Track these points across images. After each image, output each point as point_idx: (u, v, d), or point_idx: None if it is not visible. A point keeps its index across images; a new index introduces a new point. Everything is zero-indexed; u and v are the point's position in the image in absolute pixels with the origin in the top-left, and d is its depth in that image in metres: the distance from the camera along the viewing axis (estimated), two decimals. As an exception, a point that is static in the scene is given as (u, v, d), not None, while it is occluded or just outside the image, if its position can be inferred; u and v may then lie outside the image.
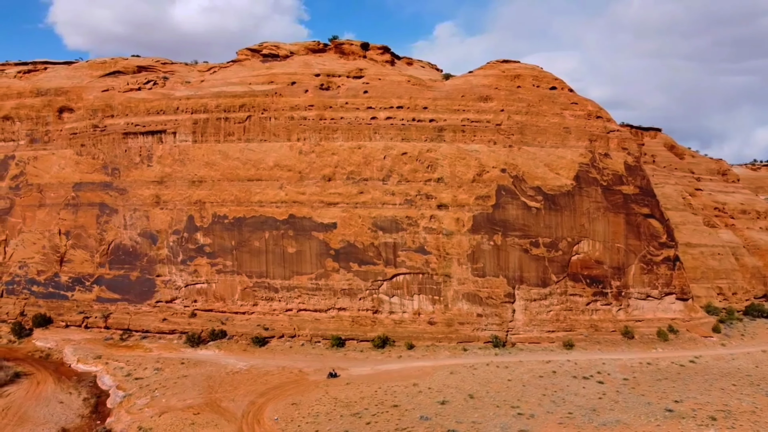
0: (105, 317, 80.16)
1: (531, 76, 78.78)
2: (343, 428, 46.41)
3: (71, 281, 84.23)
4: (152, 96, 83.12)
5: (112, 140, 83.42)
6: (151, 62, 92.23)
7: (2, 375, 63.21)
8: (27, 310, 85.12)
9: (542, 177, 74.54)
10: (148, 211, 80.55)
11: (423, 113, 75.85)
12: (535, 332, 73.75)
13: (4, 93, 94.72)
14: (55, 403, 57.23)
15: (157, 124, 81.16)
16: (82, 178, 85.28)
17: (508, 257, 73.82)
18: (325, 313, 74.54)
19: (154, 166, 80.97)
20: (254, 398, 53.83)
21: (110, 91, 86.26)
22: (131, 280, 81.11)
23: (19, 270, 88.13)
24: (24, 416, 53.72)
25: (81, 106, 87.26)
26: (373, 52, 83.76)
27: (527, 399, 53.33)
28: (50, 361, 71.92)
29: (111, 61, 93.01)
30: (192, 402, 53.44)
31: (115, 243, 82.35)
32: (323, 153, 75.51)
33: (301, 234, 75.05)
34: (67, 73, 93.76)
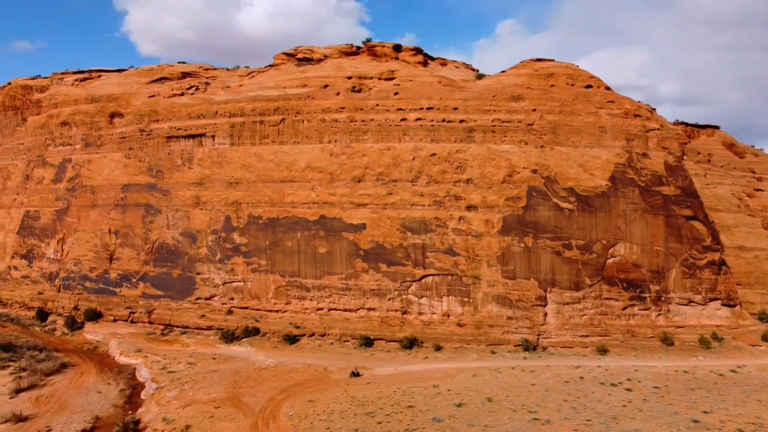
0: (149, 313, 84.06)
1: (565, 75, 76.99)
2: (354, 427, 47.01)
3: (119, 278, 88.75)
4: (193, 101, 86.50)
5: (157, 144, 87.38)
6: (194, 68, 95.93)
7: (50, 365, 67.40)
8: (80, 304, 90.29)
9: (575, 178, 72.77)
10: (189, 212, 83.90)
11: (453, 114, 75.52)
12: (568, 336, 72.10)
13: (63, 100, 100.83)
14: (94, 393, 60.56)
15: (197, 127, 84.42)
16: (129, 180, 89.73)
17: (539, 259, 72.47)
18: (355, 312, 75.45)
19: (195, 168, 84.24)
20: (274, 394, 55.25)
21: (156, 96, 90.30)
22: (173, 278, 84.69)
23: (74, 267, 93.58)
24: (64, 404, 57.14)
25: (130, 111, 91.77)
26: (405, 53, 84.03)
27: (547, 404, 52.35)
28: (96, 353, 76.12)
29: (158, 68, 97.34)
30: (216, 396, 55.42)
31: (159, 242, 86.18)
32: (353, 155, 76.47)
33: (331, 234, 76.28)
34: (118, 80, 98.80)
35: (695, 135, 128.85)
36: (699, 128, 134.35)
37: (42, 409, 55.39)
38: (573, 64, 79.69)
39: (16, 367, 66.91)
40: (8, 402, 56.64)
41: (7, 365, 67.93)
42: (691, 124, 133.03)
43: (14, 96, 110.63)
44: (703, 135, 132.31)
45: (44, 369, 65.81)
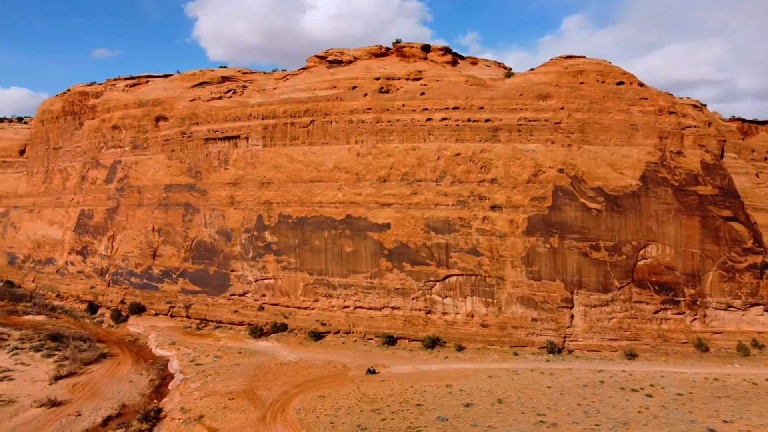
0: (187, 307, 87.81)
1: (595, 72, 74.99)
2: (357, 422, 47.84)
3: (161, 274, 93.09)
4: (230, 104, 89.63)
5: (196, 145, 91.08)
6: (234, 72, 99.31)
7: (90, 355, 71.58)
8: (126, 298, 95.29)
9: (604, 177, 70.89)
10: (224, 211, 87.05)
11: (478, 113, 75.08)
12: (596, 340, 70.37)
13: (114, 105, 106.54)
14: (126, 382, 64.00)
15: (232, 130, 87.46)
16: (171, 180, 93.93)
17: (565, 261, 71.05)
18: (379, 311, 76.26)
19: (230, 169, 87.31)
20: (288, 389, 56.82)
21: (196, 100, 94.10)
22: (210, 274, 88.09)
23: (122, 263, 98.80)
24: (96, 391, 60.73)
25: (173, 115, 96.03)
26: (434, 53, 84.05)
27: (558, 408, 51.49)
28: (136, 345, 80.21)
29: (199, 72, 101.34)
30: (233, 388, 57.55)
31: (197, 240, 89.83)
32: (379, 155, 77.30)
33: (357, 234, 77.40)
34: (164, 85, 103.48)
35: (753, 132, 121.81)
36: (759, 125, 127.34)
37: (76, 396, 59.09)
38: (605, 61, 77.51)
39: (60, 356, 71.44)
40: (47, 388, 60.70)
41: (53, 353, 72.66)
42: (749, 121, 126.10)
43: (73, 102, 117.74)
44: (762, 131, 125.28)
45: (84, 358, 69.96)
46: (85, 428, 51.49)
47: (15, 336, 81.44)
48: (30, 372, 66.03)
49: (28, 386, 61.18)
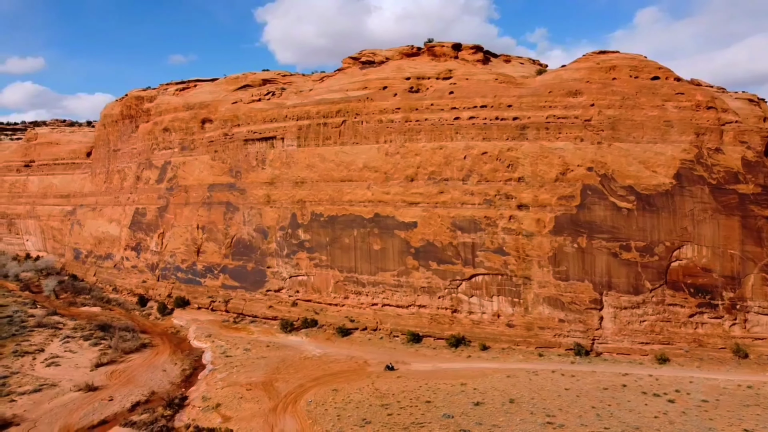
0: (226, 302, 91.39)
1: (628, 67, 72.67)
2: (363, 416, 48.84)
3: (204, 269, 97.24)
4: (268, 106, 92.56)
5: (236, 146, 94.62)
6: (274, 75, 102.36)
7: (131, 344, 75.91)
8: (172, 292, 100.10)
9: (635, 175, 68.70)
10: (261, 209, 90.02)
11: (507, 111, 74.36)
12: (626, 343, 68.37)
13: (165, 109, 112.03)
14: (159, 371, 67.58)
15: (270, 131, 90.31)
16: (214, 180, 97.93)
17: (594, 261, 69.38)
18: (406, 309, 76.91)
19: (267, 169, 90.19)
20: (305, 382, 58.49)
21: (238, 103, 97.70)
22: (248, 271, 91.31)
23: (170, 258, 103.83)
24: (131, 378, 64.52)
25: (217, 117, 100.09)
26: (465, 52, 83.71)
27: (570, 409, 50.67)
28: (176, 337, 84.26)
29: (242, 76, 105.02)
30: (254, 380, 59.79)
31: (237, 237, 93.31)
32: (407, 154, 77.91)
33: (385, 232, 78.33)
34: (210, 88, 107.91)
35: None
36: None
37: (112, 382, 63.04)
38: (639, 55, 74.98)
39: (105, 345, 76.23)
40: (87, 374, 65.09)
41: (99, 342, 77.63)
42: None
43: (130, 106, 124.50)
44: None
45: (126, 348, 74.31)
46: (114, 412, 54.95)
47: (69, 325, 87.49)
48: (76, 359, 70.92)
49: (72, 372, 65.80)
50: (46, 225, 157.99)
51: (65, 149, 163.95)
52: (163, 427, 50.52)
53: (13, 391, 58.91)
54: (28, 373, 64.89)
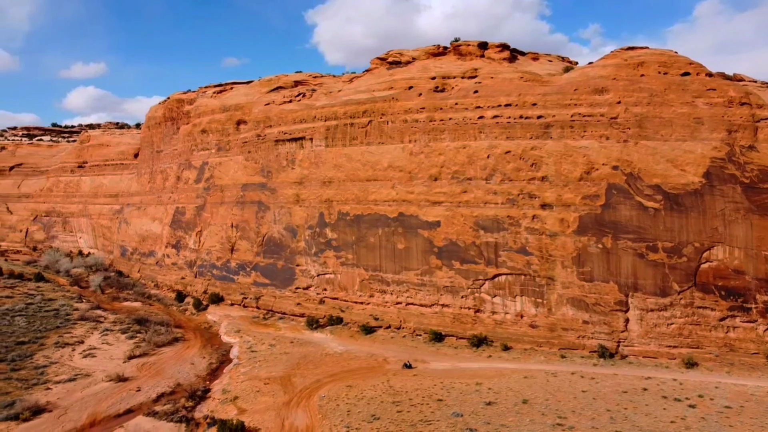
0: (257, 299, 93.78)
1: (657, 63, 70.70)
2: (372, 412, 49.54)
3: (237, 267, 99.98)
4: (298, 107, 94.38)
5: (268, 147, 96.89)
6: (305, 77, 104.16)
7: (164, 338, 78.92)
8: (208, 289, 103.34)
9: (663, 174, 66.86)
10: (291, 208, 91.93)
11: (531, 110, 73.57)
12: (653, 346, 66.71)
13: (203, 111, 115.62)
14: (188, 364, 70.09)
15: (299, 131, 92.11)
16: (247, 180, 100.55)
17: (619, 262, 67.94)
18: (429, 308, 77.15)
19: (296, 169, 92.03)
20: (322, 377, 59.62)
21: (270, 104, 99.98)
22: (278, 268, 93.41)
23: (206, 256, 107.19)
24: (160, 370, 67.18)
25: (250, 118, 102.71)
26: (491, 50, 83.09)
27: (583, 412, 50.01)
28: (209, 332, 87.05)
29: (275, 78, 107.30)
30: (273, 374, 61.37)
31: (268, 236, 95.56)
32: (431, 153, 78.11)
33: (408, 231, 78.78)
34: (245, 90, 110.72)
35: None
36: None
37: (141, 374, 65.82)
38: (669, 51, 72.86)
39: (140, 338, 79.54)
40: (119, 365, 68.17)
41: (135, 336, 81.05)
42: None
43: (171, 108, 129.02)
44: None
45: (158, 341, 77.36)
46: (140, 402, 57.45)
47: (110, 319, 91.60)
48: (111, 351, 74.31)
49: (106, 363, 69.02)
50: (96, 223, 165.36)
51: (114, 151, 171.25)
52: (182, 417, 52.56)
53: (50, 379, 62.34)
54: (66, 363, 68.44)
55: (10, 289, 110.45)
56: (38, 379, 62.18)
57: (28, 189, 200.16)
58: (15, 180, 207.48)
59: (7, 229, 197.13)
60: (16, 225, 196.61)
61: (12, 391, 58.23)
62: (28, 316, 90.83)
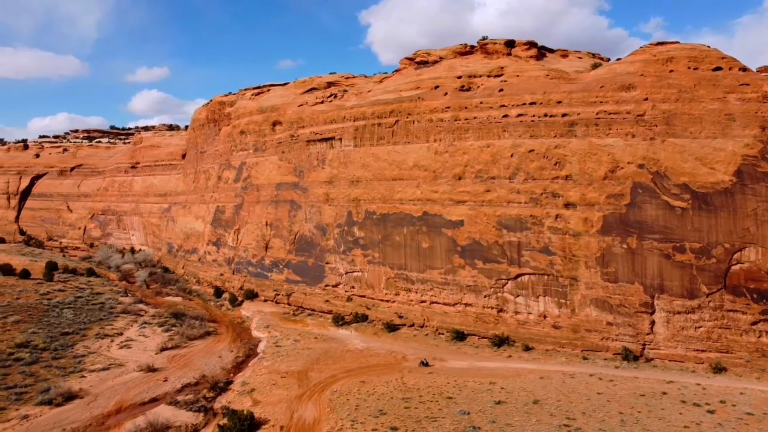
0: (288, 295, 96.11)
1: (687, 58, 68.48)
2: (379, 407, 50.32)
3: (271, 264, 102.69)
4: (328, 108, 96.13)
5: (300, 147, 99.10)
6: (338, 78, 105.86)
7: (197, 332, 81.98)
8: (244, 285, 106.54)
9: (691, 173, 64.83)
10: (321, 207, 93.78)
11: (556, 108, 72.66)
12: (680, 350, 64.82)
13: (242, 113, 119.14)
14: (215, 357, 72.71)
15: (329, 132, 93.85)
16: (281, 179, 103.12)
17: (645, 262, 66.30)
18: (453, 307, 77.31)
19: (326, 169, 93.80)
20: (338, 373, 60.85)
21: (303, 106, 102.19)
22: (309, 266, 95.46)
23: (243, 253, 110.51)
24: (188, 362, 70.02)
25: (285, 119, 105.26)
26: (518, 48, 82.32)
27: (594, 414, 49.32)
28: (241, 326, 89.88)
29: (309, 80, 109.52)
30: (292, 369, 63.05)
31: (299, 234, 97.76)
32: (455, 153, 78.23)
33: (433, 230, 79.16)
34: (281, 92, 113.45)
35: None
36: None
37: (171, 365, 68.77)
38: (701, 45, 70.39)
39: (175, 331, 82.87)
40: (152, 356, 71.36)
41: (170, 329, 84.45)
42: None
43: (213, 110, 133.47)
44: None
45: (191, 334, 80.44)
46: (165, 391, 60.14)
47: (150, 313, 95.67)
48: (146, 343, 77.80)
49: (139, 354, 72.38)
50: (147, 221, 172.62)
51: (164, 152, 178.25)
52: (201, 407, 54.83)
53: (86, 368, 66.00)
54: (103, 353, 72.20)
55: (63, 283, 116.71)
56: (75, 368, 65.89)
57: (87, 189, 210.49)
58: (75, 180, 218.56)
59: (68, 227, 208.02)
60: (75, 223, 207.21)
61: (50, 378, 62.01)
62: (76, 308, 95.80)
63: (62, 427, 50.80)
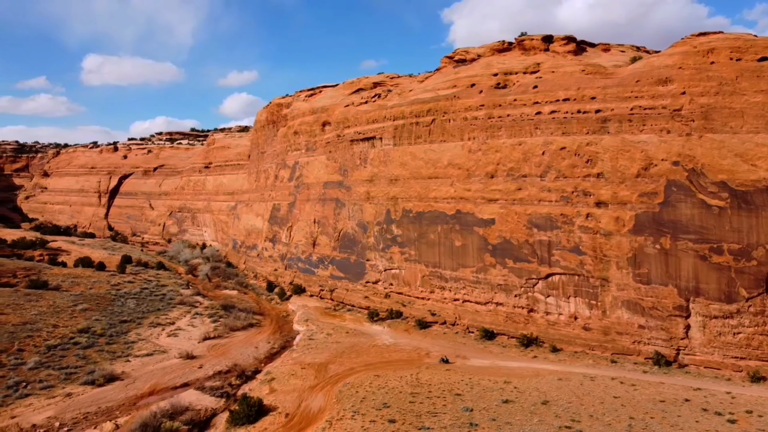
0: (331, 291, 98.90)
1: (729, 48, 64.54)
2: (385, 400, 51.43)
3: (318, 260, 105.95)
4: (371, 108, 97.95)
5: (345, 146, 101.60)
6: (383, 78, 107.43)
7: (240, 323, 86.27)
8: (294, 280, 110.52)
9: (729, 170, 61.31)
10: (362, 205, 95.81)
11: (589, 104, 70.72)
12: (716, 356, 61.60)
13: (296, 114, 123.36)
14: (252, 348, 76.33)
15: (371, 131, 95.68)
16: (328, 178, 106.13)
17: (679, 264, 63.41)
18: (484, 306, 77.01)
19: (368, 167, 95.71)
20: (357, 366, 62.48)
21: (349, 106, 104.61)
22: (351, 263, 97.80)
23: (294, 249, 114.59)
24: (226, 352, 73.97)
25: (332, 120, 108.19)
26: (556, 43, 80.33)
27: (602, 417, 48.23)
28: (285, 320, 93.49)
29: (356, 81, 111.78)
30: (316, 361, 65.36)
31: (343, 231, 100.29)
32: (488, 151, 77.81)
33: (465, 229, 79.14)
34: (331, 93, 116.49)
35: None
36: None
37: (209, 354, 72.97)
38: (746, 34, 66.13)
39: (221, 322, 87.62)
40: (194, 345, 75.93)
41: (218, 320, 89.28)
42: None
43: (272, 112, 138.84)
44: None
45: (235, 326, 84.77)
46: (197, 377, 64.02)
47: (204, 305, 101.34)
48: (192, 332, 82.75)
49: (183, 342, 77.19)
50: (217, 218, 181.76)
51: (233, 152, 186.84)
52: (224, 393, 58.28)
53: (132, 353, 71.36)
54: (151, 340, 77.62)
55: (134, 275, 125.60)
56: (123, 353, 71.40)
57: (167, 187, 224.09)
58: (157, 179, 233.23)
59: (149, 223, 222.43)
60: (155, 219, 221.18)
61: (99, 361, 67.64)
62: (140, 299, 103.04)
63: (98, 405, 55.50)
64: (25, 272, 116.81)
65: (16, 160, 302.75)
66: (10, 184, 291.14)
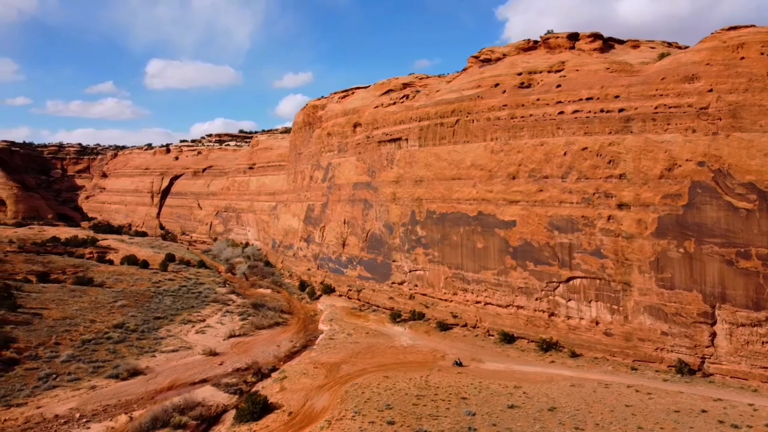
0: (358, 291, 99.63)
1: (760, 43, 61.24)
2: (389, 401, 51.60)
3: (347, 261, 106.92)
4: (399, 109, 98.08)
5: (373, 147, 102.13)
6: (413, 79, 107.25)
7: (267, 321, 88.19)
8: (324, 280, 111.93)
9: (758, 170, 58.31)
10: (388, 206, 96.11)
11: (612, 103, 68.69)
12: (743, 366, 58.79)
13: (329, 116, 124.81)
14: (274, 346, 77.89)
15: (398, 132, 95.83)
16: (357, 179, 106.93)
17: (704, 268, 60.82)
18: (505, 308, 75.95)
19: (394, 168, 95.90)
20: (369, 367, 62.80)
21: (378, 107, 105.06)
22: (377, 263, 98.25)
23: (326, 249, 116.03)
24: (248, 349, 75.79)
25: (363, 121, 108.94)
26: (582, 41, 78.20)
27: (609, 426, 46.94)
28: (312, 319, 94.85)
29: (386, 82, 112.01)
30: (330, 360, 66.07)
31: (371, 232, 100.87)
32: (510, 151, 76.67)
33: (486, 230, 78.24)
34: (363, 95, 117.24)
35: None
36: None
37: (232, 351, 74.92)
38: (780, 27, 62.78)
39: (249, 321, 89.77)
40: (219, 342, 78.11)
41: (247, 318, 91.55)
42: None
43: (308, 114, 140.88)
44: None
45: (261, 324, 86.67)
46: (216, 374, 65.94)
47: (237, 303, 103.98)
48: (220, 329, 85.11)
49: (209, 339, 79.56)
50: (259, 218, 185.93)
51: (275, 153, 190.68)
52: (238, 389, 59.77)
53: (159, 349, 74.02)
54: (179, 337, 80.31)
55: (175, 273, 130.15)
56: (151, 348, 74.13)
57: (214, 188, 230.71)
58: (205, 180, 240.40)
59: (197, 222, 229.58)
60: (203, 219, 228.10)
61: (127, 356, 70.52)
62: (177, 296, 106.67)
63: (119, 398, 57.94)
64: (73, 269, 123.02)
65: (78, 162, 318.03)
66: (72, 184, 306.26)
